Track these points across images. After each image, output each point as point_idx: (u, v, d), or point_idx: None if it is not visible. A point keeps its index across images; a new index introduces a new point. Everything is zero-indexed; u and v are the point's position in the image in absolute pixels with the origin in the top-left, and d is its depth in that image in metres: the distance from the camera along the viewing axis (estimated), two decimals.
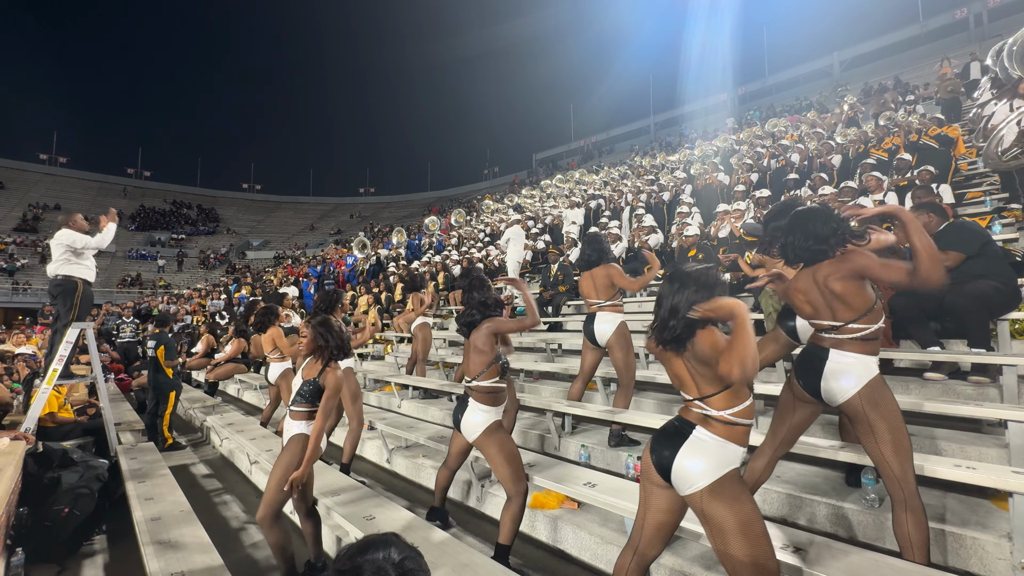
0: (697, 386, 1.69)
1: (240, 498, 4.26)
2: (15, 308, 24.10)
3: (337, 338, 2.77)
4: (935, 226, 3.27)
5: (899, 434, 1.94)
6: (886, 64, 24.90)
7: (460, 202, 33.18)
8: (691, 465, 1.64)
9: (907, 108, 9.85)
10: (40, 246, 28.94)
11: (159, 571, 2.34)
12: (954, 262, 3.15)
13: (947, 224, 3.29)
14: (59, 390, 4.93)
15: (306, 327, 2.87)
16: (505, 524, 2.62)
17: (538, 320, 2.86)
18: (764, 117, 18.58)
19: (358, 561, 0.92)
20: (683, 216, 7.17)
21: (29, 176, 38.96)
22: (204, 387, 8.60)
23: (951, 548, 2.15)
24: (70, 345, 4.52)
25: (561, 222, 10.38)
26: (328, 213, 45.21)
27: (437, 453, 4.24)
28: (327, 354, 2.76)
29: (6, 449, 3.23)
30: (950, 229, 3.25)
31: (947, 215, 3.38)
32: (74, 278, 4.52)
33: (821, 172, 6.90)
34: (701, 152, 11.97)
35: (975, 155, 7.48)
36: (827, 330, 2.04)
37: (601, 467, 3.56)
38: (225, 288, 17.46)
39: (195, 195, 45.69)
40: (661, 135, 30.96)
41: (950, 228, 3.26)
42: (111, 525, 3.63)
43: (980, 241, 3.15)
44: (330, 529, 3.22)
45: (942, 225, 3.29)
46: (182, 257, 33.33)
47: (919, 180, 5.25)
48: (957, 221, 3.37)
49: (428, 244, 14.64)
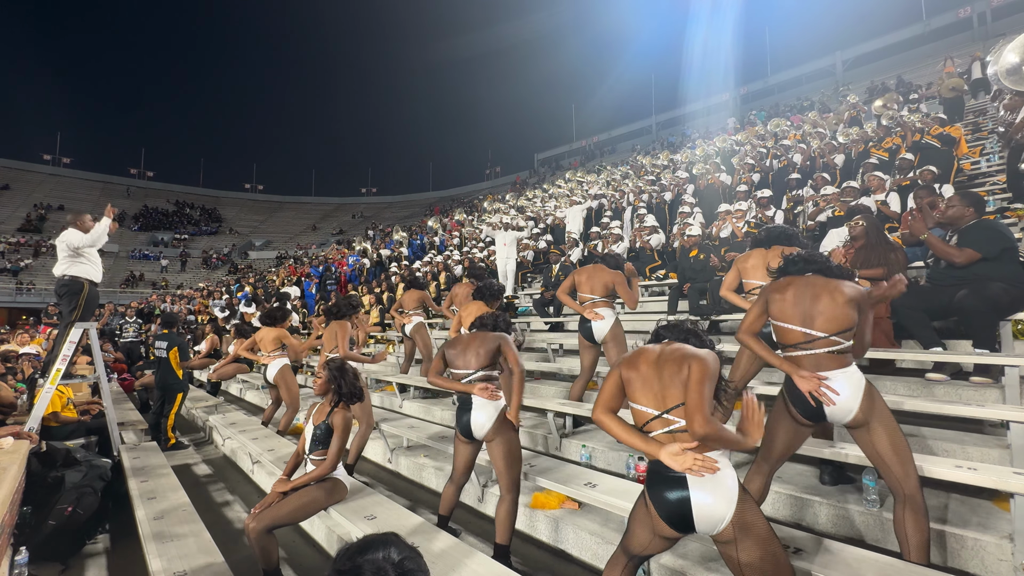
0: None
1: (242, 498, 4.28)
2: (19, 308, 24.21)
3: (351, 384, 2.82)
4: (967, 219, 3.18)
5: (896, 434, 1.95)
6: (889, 63, 24.81)
7: (462, 202, 33.19)
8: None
9: (910, 107, 9.80)
10: (44, 246, 29.07)
11: (162, 570, 2.35)
12: (967, 260, 3.07)
13: (976, 221, 3.18)
14: (62, 390, 4.95)
15: (323, 369, 2.90)
16: (501, 522, 2.62)
17: (523, 374, 2.81)
18: (768, 117, 18.53)
19: (358, 561, 0.92)
20: (685, 216, 7.16)
21: (34, 176, 39.14)
22: (206, 387, 8.63)
23: (952, 549, 2.15)
24: (73, 345, 4.54)
25: (563, 222, 10.38)
26: (330, 213, 45.28)
27: (439, 453, 4.25)
28: (337, 398, 2.81)
29: (10, 448, 3.25)
30: (977, 227, 3.14)
31: (984, 211, 3.28)
32: (80, 279, 4.54)
33: (823, 172, 6.88)
34: (703, 152, 11.95)
35: (978, 155, 7.46)
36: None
37: (602, 467, 3.56)
38: (227, 287, 17.52)
39: (198, 195, 45.84)
40: (663, 135, 30.91)
41: (978, 226, 3.15)
42: (114, 524, 3.64)
43: (1001, 245, 3.03)
44: (328, 528, 3.23)
45: (973, 220, 3.18)
46: (185, 257, 33.44)
47: (921, 180, 5.23)
48: (986, 220, 3.25)
49: (430, 244, 14.66)
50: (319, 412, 2.88)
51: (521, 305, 8.00)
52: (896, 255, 3.58)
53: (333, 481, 2.81)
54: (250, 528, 2.56)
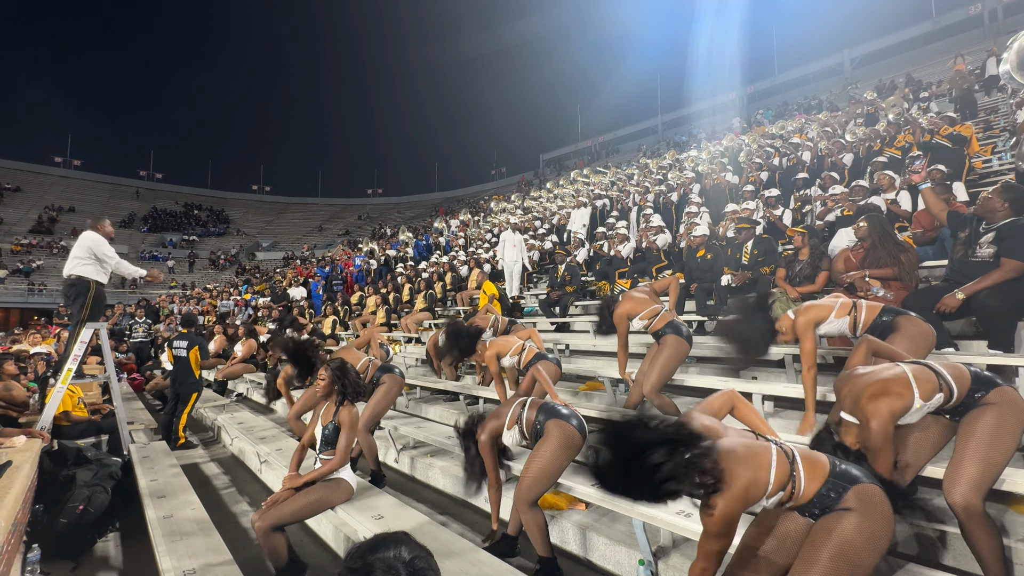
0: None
1: (251, 497, 4.30)
2: (31, 308, 24.52)
3: (353, 384, 2.89)
4: (1001, 213, 2.92)
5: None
6: (898, 61, 24.56)
7: (467, 203, 33.24)
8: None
9: (920, 106, 9.69)
10: (55, 247, 29.42)
11: (171, 568, 2.36)
12: (1014, 274, 2.75)
13: (1014, 221, 2.87)
14: (73, 389, 5.00)
15: (325, 371, 2.94)
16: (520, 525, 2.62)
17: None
18: (776, 116, 18.41)
19: (369, 559, 0.93)
20: (691, 216, 7.12)
21: (45, 179, 39.62)
22: (214, 386, 8.69)
23: (965, 551, 2.12)
24: (84, 344, 4.59)
25: (568, 222, 10.36)
26: (336, 214, 45.49)
27: (444, 453, 4.25)
28: (341, 397, 2.86)
29: (23, 447, 3.29)
30: (1017, 228, 2.83)
31: (1022, 208, 2.93)
32: (86, 279, 4.60)
33: (832, 171, 6.82)
34: (708, 154, 11.89)
35: (990, 153, 7.36)
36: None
37: None
38: (236, 288, 17.65)
39: (206, 197, 46.20)
40: (669, 134, 30.80)
41: (1016, 227, 2.83)
42: (124, 522, 3.68)
43: None
44: (336, 527, 3.24)
45: (1010, 219, 2.89)
46: (193, 258, 33.71)
47: (931, 179, 5.16)
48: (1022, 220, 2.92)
49: (436, 244, 14.69)
50: (326, 412, 2.90)
51: (527, 305, 7.99)
52: (907, 255, 3.54)
53: (338, 480, 2.83)
54: (256, 526, 2.58)
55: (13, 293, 25.35)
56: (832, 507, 1.46)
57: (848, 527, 1.42)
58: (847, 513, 1.43)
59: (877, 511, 1.44)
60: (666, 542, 2.53)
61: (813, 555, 1.44)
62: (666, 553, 2.47)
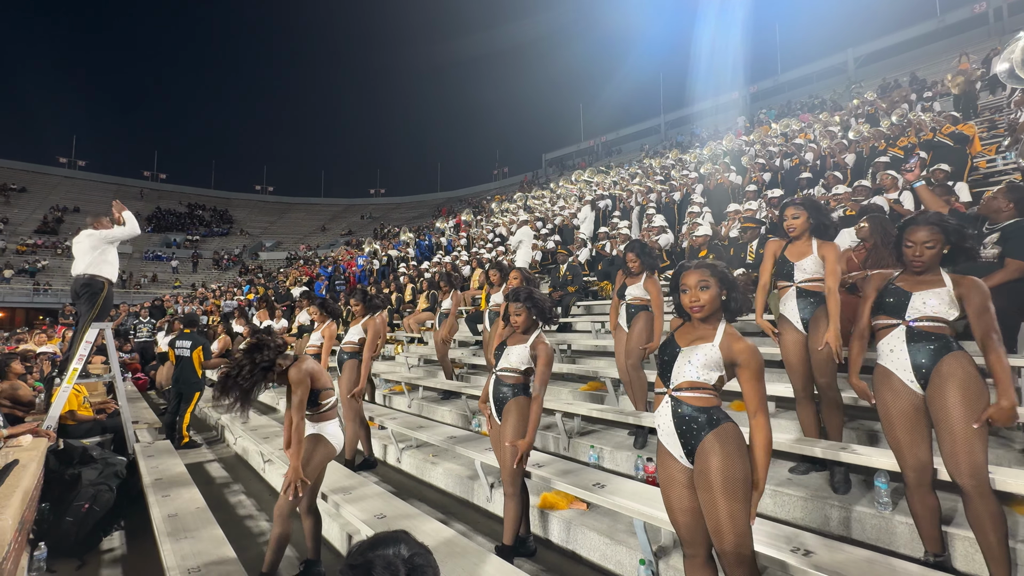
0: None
1: (254, 495, 4.33)
2: (36, 308, 24.69)
3: (272, 351, 2.80)
4: (1006, 214, 2.90)
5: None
6: (902, 60, 24.45)
7: (470, 202, 33.26)
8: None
9: (923, 105, 9.66)
10: (60, 248, 29.60)
11: (176, 566, 2.39)
12: (1018, 275, 2.72)
13: (1020, 220, 2.85)
14: (78, 389, 5.04)
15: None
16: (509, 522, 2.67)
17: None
18: (779, 115, 18.36)
19: (369, 556, 0.94)
20: (694, 216, 7.12)
21: (50, 179, 39.89)
22: (216, 386, 8.73)
23: (967, 552, 2.12)
24: (90, 345, 4.62)
25: (571, 222, 10.37)
26: (339, 214, 45.60)
27: (446, 453, 4.27)
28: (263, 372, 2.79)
29: (29, 446, 3.32)
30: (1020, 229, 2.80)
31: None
32: (100, 278, 4.62)
33: (835, 171, 6.80)
34: (710, 151, 11.87)
35: (993, 152, 7.33)
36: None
37: (610, 468, 3.56)
38: (239, 288, 17.71)
39: (209, 197, 46.40)
40: (672, 134, 30.75)
41: (1020, 228, 2.81)
42: (129, 521, 3.71)
43: None
44: (340, 526, 3.26)
45: (1015, 219, 2.87)
46: (196, 258, 33.87)
47: (933, 178, 5.15)
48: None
49: (438, 244, 14.71)
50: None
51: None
52: None
53: (316, 436, 2.77)
54: (297, 511, 2.66)
55: (19, 293, 25.54)
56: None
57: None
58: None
59: None
60: (666, 542, 2.54)
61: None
62: (666, 553, 2.48)
